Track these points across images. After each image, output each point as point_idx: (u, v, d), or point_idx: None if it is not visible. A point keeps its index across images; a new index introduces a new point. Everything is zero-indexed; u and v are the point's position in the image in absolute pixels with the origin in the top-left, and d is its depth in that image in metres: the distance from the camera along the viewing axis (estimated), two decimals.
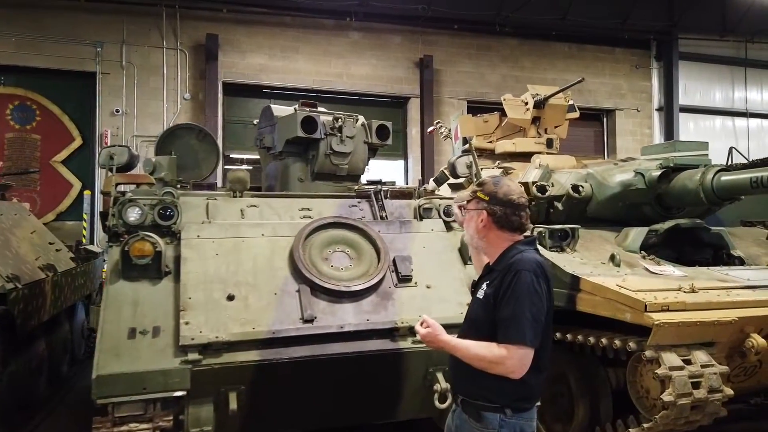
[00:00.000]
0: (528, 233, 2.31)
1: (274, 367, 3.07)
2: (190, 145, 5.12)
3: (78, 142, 10.13)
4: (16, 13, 9.80)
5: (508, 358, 2.01)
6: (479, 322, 2.17)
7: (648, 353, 3.20)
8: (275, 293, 3.29)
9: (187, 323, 3.02)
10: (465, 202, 2.29)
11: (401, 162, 12.41)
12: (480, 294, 2.21)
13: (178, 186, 4.60)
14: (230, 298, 3.19)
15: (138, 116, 10.25)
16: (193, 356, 2.94)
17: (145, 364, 2.88)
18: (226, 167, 10.37)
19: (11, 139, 9.87)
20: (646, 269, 3.97)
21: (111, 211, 3.39)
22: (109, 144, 10.00)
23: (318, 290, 3.35)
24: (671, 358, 3.17)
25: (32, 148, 9.96)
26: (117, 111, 10.26)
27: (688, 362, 3.19)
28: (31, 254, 4.81)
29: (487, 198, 2.21)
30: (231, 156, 11.31)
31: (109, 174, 3.77)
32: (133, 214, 3.40)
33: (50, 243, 5.59)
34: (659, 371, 3.13)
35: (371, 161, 4.91)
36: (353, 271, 3.50)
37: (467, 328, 2.24)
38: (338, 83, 11.73)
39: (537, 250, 2.29)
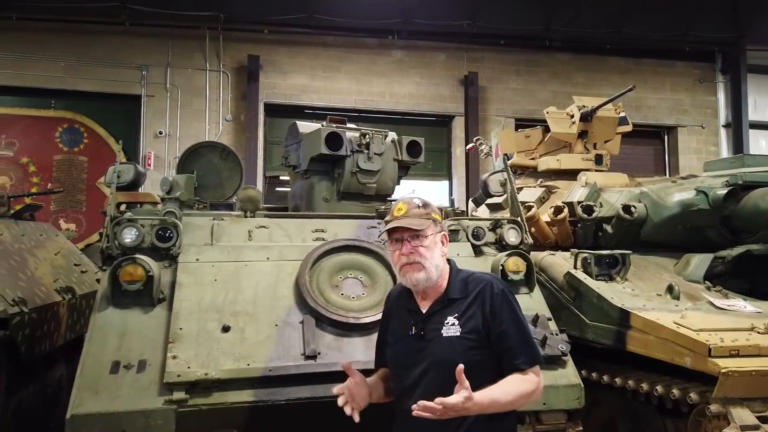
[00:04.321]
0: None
1: (270, 409, 2.72)
2: (213, 163, 4.91)
3: None
4: (65, 38, 10.10)
5: (540, 382, 1.86)
6: (473, 364, 1.77)
7: (714, 407, 2.67)
8: (276, 325, 2.96)
9: (174, 357, 2.73)
10: (423, 228, 1.90)
11: (445, 182, 12.00)
12: (452, 332, 1.84)
13: (201, 206, 4.40)
14: (225, 329, 2.89)
15: (181, 138, 10.32)
16: (178, 395, 2.63)
17: (126, 404, 2.59)
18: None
19: (60, 161, 10.11)
20: (711, 303, 3.40)
21: (105, 232, 3.16)
22: (152, 166, 10.13)
23: (324, 322, 2.99)
24: (743, 415, 2.61)
25: (79, 169, 10.17)
26: (160, 133, 10.38)
27: (764, 420, 2.62)
28: (49, 276, 4.68)
29: (440, 218, 1.96)
30: (271, 176, 11.22)
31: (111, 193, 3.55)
32: (128, 236, 3.16)
33: (76, 264, 5.49)
34: (728, 431, 2.58)
35: (414, 182, 4.59)
36: (365, 300, 3.14)
37: (438, 374, 1.83)
38: (381, 102, 11.50)
39: None
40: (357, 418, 1.92)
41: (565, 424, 3.06)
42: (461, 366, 1.67)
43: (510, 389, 1.78)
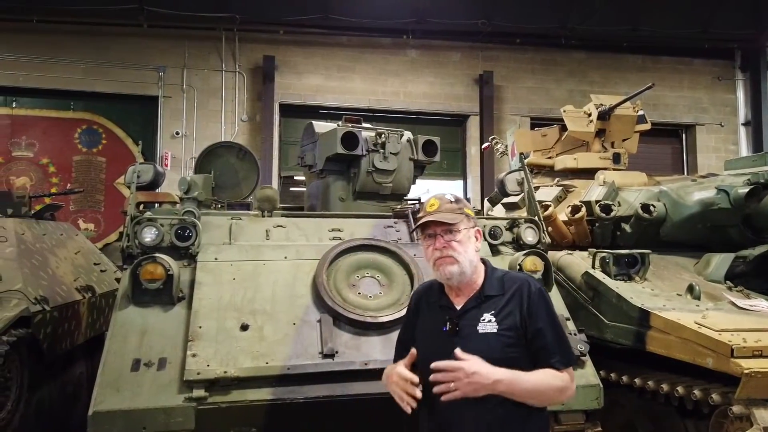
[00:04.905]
0: None
1: (288, 407, 2.73)
2: (230, 163, 4.94)
3: None
4: (84, 41, 10.23)
5: (572, 381, 1.87)
6: (509, 361, 1.79)
7: (736, 408, 2.63)
8: (294, 323, 2.98)
9: (194, 355, 2.75)
10: (456, 223, 1.91)
11: (460, 182, 11.97)
12: (489, 328, 1.85)
13: (219, 206, 4.44)
14: (244, 327, 2.91)
15: (197, 138, 10.41)
16: (198, 393, 2.66)
17: (147, 401, 2.63)
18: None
19: (79, 161, 10.25)
20: (733, 303, 3.36)
21: (125, 232, 3.19)
22: (168, 166, 10.22)
23: (341, 321, 3.00)
24: (766, 416, 2.57)
25: (98, 170, 10.30)
26: (177, 133, 10.48)
27: None
28: (69, 275, 4.75)
29: (473, 213, 1.98)
30: (286, 176, 11.27)
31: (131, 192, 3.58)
32: (148, 235, 3.19)
33: (95, 263, 5.56)
34: None
35: (428, 181, 4.56)
36: (383, 299, 3.14)
37: None
38: (395, 102, 11.50)
39: None
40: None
41: (584, 425, 3.04)
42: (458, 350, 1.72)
43: (540, 378, 1.79)
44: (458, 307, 1.93)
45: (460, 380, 1.69)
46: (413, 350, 1.98)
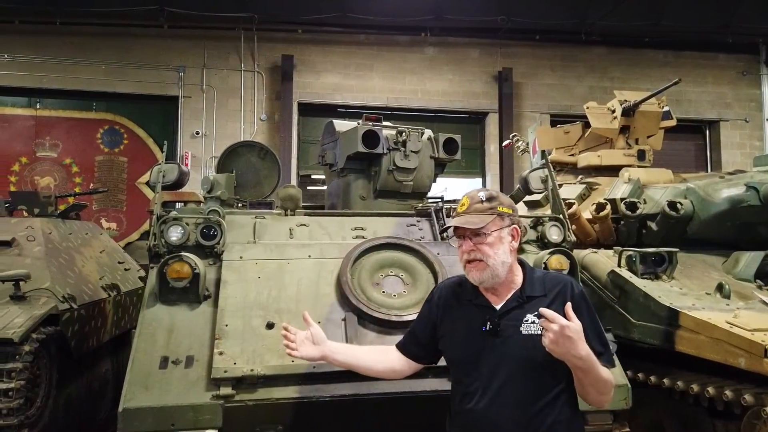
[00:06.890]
0: None
1: (314, 405, 2.74)
2: (251, 163, 4.98)
3: None
4: (105, 42, 10.40)
5: (613, 385, 1.84)
6: (553, 364, 1.73)
7: None
8: (319, 322, 2.95)
9: (221, 353, 2.77)
10: (483, 226, 1.83)
11: (479, 180, 11.91)
12: (533, 330, 1.79)
13: (240, 205, 4.47)
14: (270, 326, 2.92)
15: (216, 138, 10.51)
16: (225, 391, 2.67)
17: (175, 398, 2.64)
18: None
19: (101, 161, 10.41)
20: (764, 302, 3.29)
21: (152, 231, 3.22)
22: (189, 166, 10.31)
23: (366, 319, 3.00)
24: None
25: (120, 170, 10.45)
26: (197, 133, 10.58)
27: None
28: (95, 273, 4.81)
29: (511, 211, 1.90)
30: (303, 175, 11.32)
31: (156, 192, 3.61)
32: (174, 234, 3.21)
33: (119, 262, 5.63)
34: None
35: (447, 179, 4.53)
36: (407, 298, 3.13)
37: (516, 373, 1.79)
38: (414, 100, 11.48)
39: None
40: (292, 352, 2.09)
41: (612, 425, 3.00)
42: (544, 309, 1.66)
43: (603, 369, 1.76)
44: (497, 307, 1.88)
45: (559, 332, 1.61)
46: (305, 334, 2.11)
